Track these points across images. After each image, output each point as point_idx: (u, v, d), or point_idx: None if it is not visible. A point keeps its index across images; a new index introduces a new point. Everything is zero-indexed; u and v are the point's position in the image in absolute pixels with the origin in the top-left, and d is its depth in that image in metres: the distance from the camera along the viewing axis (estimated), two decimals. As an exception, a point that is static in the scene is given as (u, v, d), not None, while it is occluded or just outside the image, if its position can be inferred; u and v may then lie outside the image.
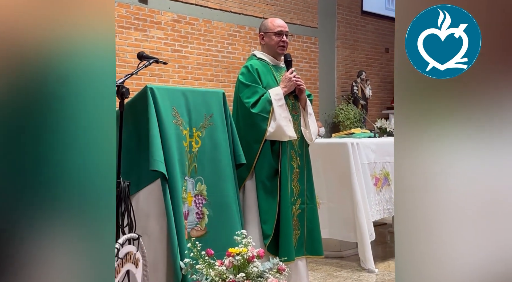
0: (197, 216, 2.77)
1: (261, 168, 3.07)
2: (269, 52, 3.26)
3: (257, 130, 3.04)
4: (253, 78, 3.09)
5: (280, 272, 2.59)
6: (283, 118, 3.04)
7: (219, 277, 2.49)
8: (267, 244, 3.04)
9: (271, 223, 3.05)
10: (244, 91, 3.08)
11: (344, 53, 9.95)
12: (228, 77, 7.99)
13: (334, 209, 4.20)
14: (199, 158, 2.79)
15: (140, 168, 2.68)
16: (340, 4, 9.78)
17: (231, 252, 2.55)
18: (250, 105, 3.04)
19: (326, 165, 4.24)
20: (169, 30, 7.24)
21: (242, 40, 8.09)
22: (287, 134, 3.06)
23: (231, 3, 7.95)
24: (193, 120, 2.81)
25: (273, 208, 3.06)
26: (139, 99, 2.67)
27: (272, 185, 3.08)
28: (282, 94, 3.08)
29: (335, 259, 4.41)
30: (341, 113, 9.24)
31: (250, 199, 3.11)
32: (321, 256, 3.31)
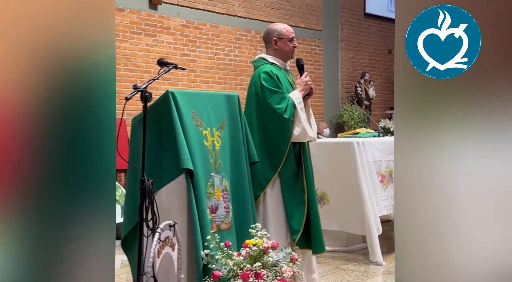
0: (225, 210, 2.96)
1: (285, 168, 3.24)
2: (281, 57, 3.39)
3: (286, 134, 3.19)
4: (276, 84, 3.23)
5: (293, 262, 2.79)
6: (304, 121, 3.23)
7: (237, 266, 2.68)
8: (297, 239, 3.21)
9: (300, 219, 3.23)
10: (273, 97, 3.20)
11: (348, 55, 10.14)
12: (235, 79, 8.20)
13: (342, 205, 4.41)
14: (222, 155, 3.00)
15: (162, 167, 2.87)
16: (343, 7, 9.98)
17: (248, 243, 2.75)
18: (283, 111, 3.18)
19: (333, 163, 4.43)
20: (178, 35, 7.46)
21: (248, 44, 8.30)
22: (309, 136, 3.26)
23: (237, 7, 8.16)
24: (212, 121, 3.00)
25: (300, 204, 3.24)
26: (161, 103, 2.87)
27: (296, 183, 3.27)
28: (301, 98, 3.26)
29: (343, 253, 4.60)
30: (345, 113, 9.42)
31: (273, 198, 3.27)
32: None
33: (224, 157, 3.00)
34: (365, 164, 4.32)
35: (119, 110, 7.57)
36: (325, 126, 8.57)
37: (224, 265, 2.70)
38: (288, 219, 3.24)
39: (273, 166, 3.22)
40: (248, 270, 2.67)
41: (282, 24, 3.47)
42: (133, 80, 6.90)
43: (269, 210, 3.27)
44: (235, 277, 2.65)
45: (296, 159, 3.28)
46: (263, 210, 3.28)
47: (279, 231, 3.22)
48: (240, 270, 2.68)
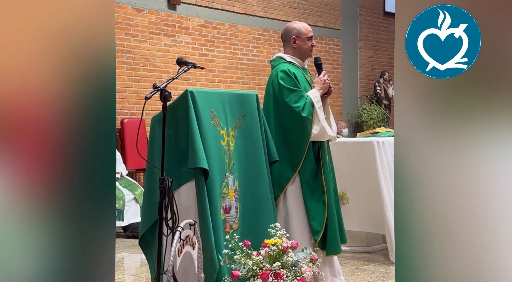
0: (235, 210, 2.96)
1: (304, 167, 3.23)
2: (299, 56, 3.37)
3: (305, 133, 3.18)
4: (294, 83, 3.21)
5: (313, 262, 2.76)
6: (323, 119, 3.20)
7: (256, 266, 2.67)
8: (318, 240, 3.20)
9: (320, 219, 3.21)
10: (290, 96, 3.19)
11: (367, 54, 10.05)
12: (253, 79, 8.19)
13: (362, 205, 4.36)
14: (235, 156, 2.99)
15: (181, 166, 2.88)
16: (362, 6, 9.90)
17: (267, 243, 2.74)
18: (301, 109, 3.16)
19: (353, 162, 4.40)
20: (197, 35, 7.48)
21: (267, 43, 8.29)
22: (328, 135, 3.23)
23: (255, 7, 8.15)
24: (228, 120, 2.99)
25: (320, 204, 3.23)
26: (180, 102, 2.87)
27: (315, 183, 3.25)
28: (319, 97, 3.24)
29: (363, 253, 4.56)
30: (364, 113, 9.35)
31: (293, 198, 3.25)
32: (345, 243, 3.47)
33: (237, 157, 3.00)
34: (385, 163, 4.28)
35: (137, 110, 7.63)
36: (344, 126, 8.50)
37: (243, 264, 2.69)
38: (309, 219, 3.22)
39: (292, 165, 3.21)
40: (268, 270, 2.66)
41: (301, 23, 3.45)
42: (152, 80, 6.95)
43: (290, 210, 3.25)
44: (254, 276, 2.64)
45: (315, 158, 3.26)
46: (284, 211, 3.27)
47: (302, 231, 3.20)
48: (260, 269, 2.66)
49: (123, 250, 5.08)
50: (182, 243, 2.12)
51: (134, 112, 6.89)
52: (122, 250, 5.07)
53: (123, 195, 5.63)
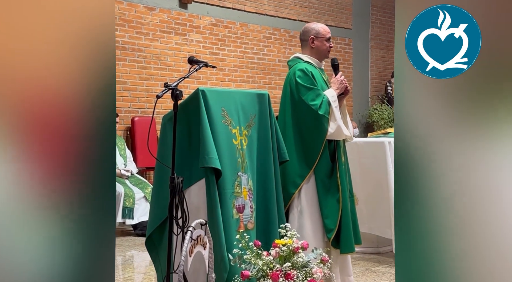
0: (250, 209, 2.95)
1: (320, 166, 3.23)
2: (317, 56, 3.38)
3: (321, 131, 3.18)
4: (311, 81, 3.23)
5: (324, 263, 2.74)
6: (339, 119, 3.21)
7: (266, 266, 2.66)
8: (331, 238, 3.20)
9: (334, 218, 3.21)
10: (307, 94, 3.20)
11: (378, 54, 10.00)
12: (264, 78, 8.17)
13: (371, 206, 4.33)
14: (248, 155, 2.98)
15: (192, 165, 2.87)
16: (374, 5, 9.84)
17: (277, 243, 2.72)
18: (318, 107, 3.18)
19: (364, 163, 4.37)
20: (207, 33, 7.48)
21: (277, 42, 8.27)
22: (344, 134, 3.23)
23: (266, 6, 8.13)
24: (241, 119, 2.98)
25: (335, 203, 3.23)
26: (191, 101, 2.86)
27: (331, 181, 3.25)
28: (336, 96, 3.25)
29: (373, 254, 4.53)
30: (375, 113, 9.29)
31: (308, 196, 3.26)
32: (360, 244, 3.46)
33: (250, 156, 2.99)
34: (397, 164, 4.24)
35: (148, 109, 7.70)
36: (354, 126, 8.46)
37: (254, 264, 2.68)
38: (323, 217, 3.21)
39: (308, 163, 3.21)
40: (278, 270, 2.64)
41: (320, 24, 3.46)
42: (163, 79, 6.96)
43: (304, 208, 3.26)
44: (264, 277, 2.63)
45: (331, 157, 3.26)
46: (298, 209, 3.27)
47: (316, 229, 3.21)
48: (270, 270, 2.65)
49: (132, 248, 5.09)
50: (193, 243, 2.11)
51: (145, 111, 6.91)
52: (132, 248, 5.09)
53: (133, 193, 5.65)
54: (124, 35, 6.70)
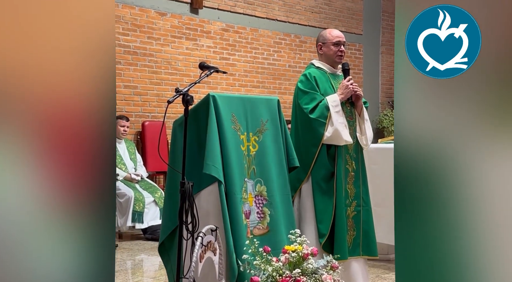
0: (257, 215, 2.94)
1: (317, 170, 3.22)
2: (327, 61, 3.39)
3: (315, 134, 3.20)
4: (311, 86, 3.25)
5: (334, 270, 2.73)
6: (340, 123, 3.19)
7: (276, 272, 2.65)
8: (323, 243, 3.19)
9: (327, 223, 3.20)
10: (303, 97, 3.24)
11: (389, 59, 9.96)
12: (274, 83, 8.18)
13: (380, 214, 4.30)
14: (257, 161, 2.97)
15: (202, 170, 2.88)
16: (385, 11, 9.82)
17: (287, 249, 2.72)
18: (309, 111, 3.20)
19: (374, 170, 4.34)
20: (218, 39, 7.50)
21: (288, 48, 8.27)
22: (343, 139, 3.21)
23: (277, 11, 8.15)
24: (250, 125, 2.99)
25: (329, 208, 3.21)
26: (202, 106, 2.88)
27: (328, 186, 3.24)
28: (339, 101, 3.23)
29: (383, 262, 4.50)
30: (385, 119, 9.26)
31: (306, 200, 3.27)
32: (376, 256, 3.43)
33: (261, 162, 2.98)
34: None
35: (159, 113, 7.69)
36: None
37: (263, 270, 2.67)
38: (317, 222, 3.21)
39: (304, 167, 3.22)
40: (287, 277, 2.63)
41: (330, 29, 3.49)
42: (173, 83, 6.98)
43: (302, 212, 3.28)
44: (273, 283, 2.62)
45: (331, 162, 3.23)
46: (298, 212, 3.28)
47: (312, 233, 3.20)
48: (279, 276, 2.64)
49: (142, 252, 5.11)
50: (204, 248, 2.11)
51: (155, 115, 6.94)
52: (141, 252, 5.10)
53: (143, 197, 5.66)
54: (136, 40, 6.74)
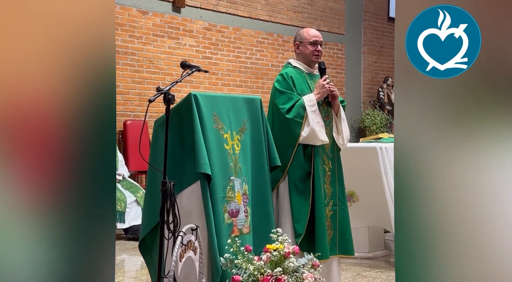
0: (245, 214, 2.94)
1: (294, 170, 3.23)
2: (304, 61, 3.39)
3: (291, 134, 3.20)
4: (288, 86, 3.26)
5: (315, 268, 2.75)
6: (316, 123, 3.19)
7: (257, 271, 2.66)
8: (298, 243, 3.19)
9: (303, 223, 3.21)
10: (280, 97, 3.25)
11: (371, 59, 10.04)
12: (257, 83, 8.19)
13: (368, 205, 4.35)
14: (241, 159, 2.98)
15: (183, 169, 2.87)
16: (366, 11, 9.90)
17: (269, 248, 2.72)
18: (285, 111, 3.20)
19: (356, 168, 4.37)
20: (201, 37, 7.48)
21: (270, 47, 8.29)
22: (319, 139, 3.21)
23: (260, 11, 8.15)
24: (233, 124, 2.99)
25: (305, 208, 3.22)
26: (183, 105, 2.86)
27: (304, 186, 3.24)
28: (315, 101, 3.23)
29: (364, 259, 4.54)
30: (367, 118, 9.33)
31: (283, 200, 3.28)
32: (352, 255, 3.45)
33: (244, 161, 2.98)
34: (388, 169, 4.26)
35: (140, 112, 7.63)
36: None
37: (245, 269, 2.68)
38: (293, 221, 3.22)
39: (281, 167, 3.22)
40: (269, 275, 2.64)
41: (307, 29, 3.48)
42: (156, 82, 6.94)
43: (280, 211, 3.28)
44: (255, 281, 2.63)
45: (307, 162, 3.24)
46: (276, 212, 3.28)
47: (287, 232, 3.17)
48: (261, 275, 2.65)
49: (123, 252, 5.07)
50: (184, 248, 2.10)
51: (137, 114, 6.89)
52: (122, 252, 5.06)
53: (125, 197, 5.62)
54: (117, 39, 6.68)
